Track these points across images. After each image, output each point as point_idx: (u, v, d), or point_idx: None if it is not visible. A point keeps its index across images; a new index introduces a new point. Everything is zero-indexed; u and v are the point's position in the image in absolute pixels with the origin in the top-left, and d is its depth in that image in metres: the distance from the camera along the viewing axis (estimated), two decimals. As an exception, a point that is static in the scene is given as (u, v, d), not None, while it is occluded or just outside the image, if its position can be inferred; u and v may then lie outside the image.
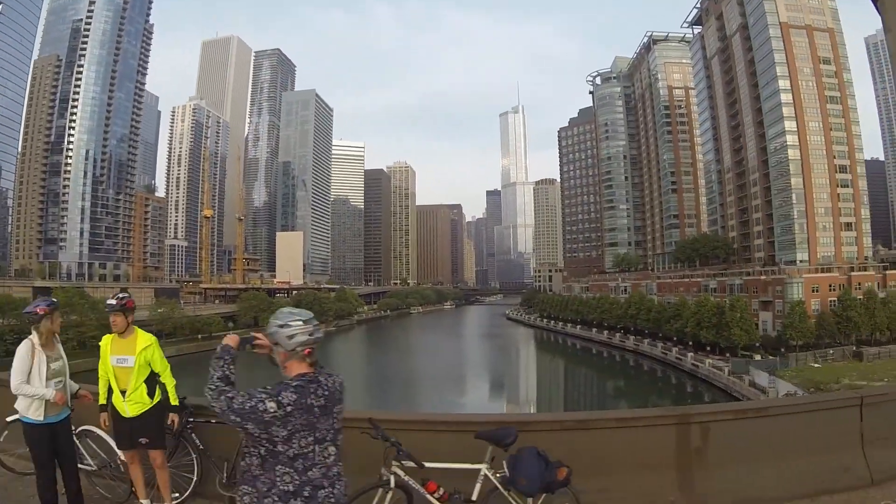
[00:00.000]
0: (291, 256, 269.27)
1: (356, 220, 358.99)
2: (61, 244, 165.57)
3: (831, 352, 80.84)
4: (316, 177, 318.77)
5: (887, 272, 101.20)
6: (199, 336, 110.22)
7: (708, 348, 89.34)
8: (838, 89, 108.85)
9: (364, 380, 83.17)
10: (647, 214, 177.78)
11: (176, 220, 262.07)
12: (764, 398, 61.43)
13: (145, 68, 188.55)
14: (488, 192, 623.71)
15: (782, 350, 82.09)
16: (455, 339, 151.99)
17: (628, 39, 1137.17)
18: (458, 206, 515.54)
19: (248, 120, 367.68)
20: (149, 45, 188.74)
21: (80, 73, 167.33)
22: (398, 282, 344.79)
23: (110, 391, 6.61)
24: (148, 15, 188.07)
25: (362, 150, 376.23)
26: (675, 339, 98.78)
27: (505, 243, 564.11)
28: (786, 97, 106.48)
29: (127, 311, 6.54)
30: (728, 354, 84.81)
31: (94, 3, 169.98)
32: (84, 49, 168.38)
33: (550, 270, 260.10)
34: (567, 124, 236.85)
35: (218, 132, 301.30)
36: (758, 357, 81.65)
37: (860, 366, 73.59)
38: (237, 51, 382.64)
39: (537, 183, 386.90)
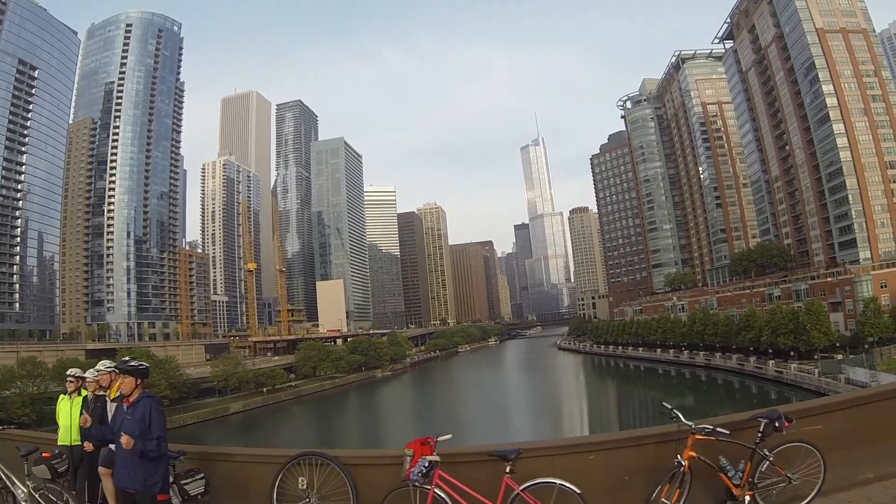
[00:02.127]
0: (333, 304, 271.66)
1: (393, 265, 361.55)
2: (109, 305, 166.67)
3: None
4: (350, 224, 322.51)
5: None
6: (265, 389, 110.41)
7: (791, 354, 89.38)
8: (879, 87, 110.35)
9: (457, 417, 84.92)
10: (693, 231, 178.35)
11: (214, 275, 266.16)
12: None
13: (179, 126, 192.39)
14: (516, 227, 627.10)
15: (866, 346, 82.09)
16: (518, 373, 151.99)
17: (644, 60, 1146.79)
18: (490, 243, 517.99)
19: (274, 172, 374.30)
20: (181, 102, 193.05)
21: (117, 134, 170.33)
22: (438, 322, 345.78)
23: None
24: (178, 73, 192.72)
25: (393, 194, 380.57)
26: (749, 349, 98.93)
27: (537, 276, 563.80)
28: (830, 100, 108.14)
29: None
30: (812, 358, 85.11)
31: (125, 64, 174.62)
32: (119, 110, 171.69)
33: (593, 297, 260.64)
34: (598, 151, 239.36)
35: (249, 186, 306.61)
36: (840, 356, 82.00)
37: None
38: (257, 105, 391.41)
39: (571, 212, 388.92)
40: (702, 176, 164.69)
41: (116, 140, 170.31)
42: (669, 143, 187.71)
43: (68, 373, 9.86)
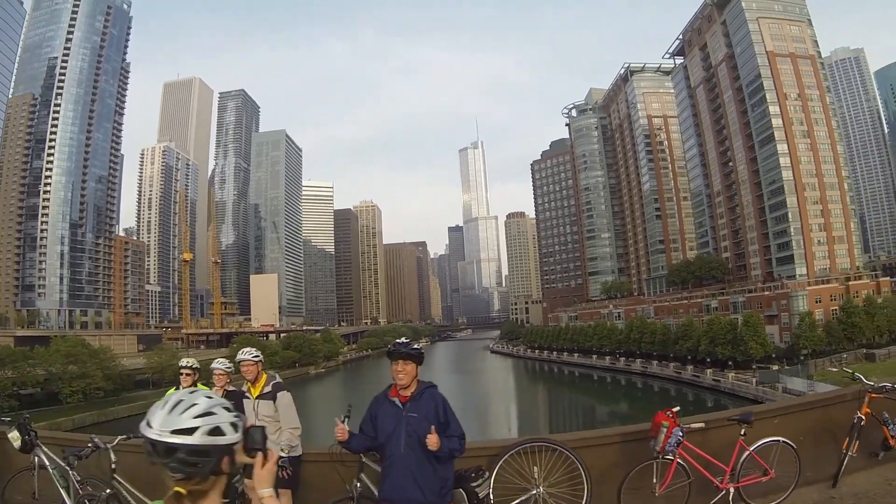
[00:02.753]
0: (267, 299, 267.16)
1: (327, 261, 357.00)
2: (40, 291, 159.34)
3: (845, 356, 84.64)
4: (287, 218, 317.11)
5: (880, 280, 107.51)
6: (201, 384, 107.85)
7: (729, 363, 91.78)
8: (822, 111, 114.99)
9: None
10: (630, 241, 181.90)
11: (148, 264, 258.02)
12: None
13: (122, 108, 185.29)
14: (450, 228, 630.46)
15: (802, 358, 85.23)
16: (451, 375, 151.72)
17: (585, 71, 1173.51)
18: (424, 243, 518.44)
19: (212, 161, 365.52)
20: (126, 84, 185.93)
21: (58, 112, 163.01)
22: (369, 321, 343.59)
23: None
24: (125, 53, 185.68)
25: (331, 189, 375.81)
26: (687, 358, 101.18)
27: (468, 278, 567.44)
28: (776, 121, 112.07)
29: None
30: (749, 367, 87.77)
31: (70, 40, 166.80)
32: (61, 88, 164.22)
33: (527, 302, 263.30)
34: (539, 157, 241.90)
35: (187, 175, 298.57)
36: (775, 367, 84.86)
37: (877, 366, 76.97)
38: (199, 92, 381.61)
39: (508, 216, 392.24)
40: (643, 187, 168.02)
41: (57, 119, 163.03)
42: (612, 152, 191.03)
43: (183, 363, 8.75)
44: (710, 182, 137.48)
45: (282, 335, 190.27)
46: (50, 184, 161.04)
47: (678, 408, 7.28)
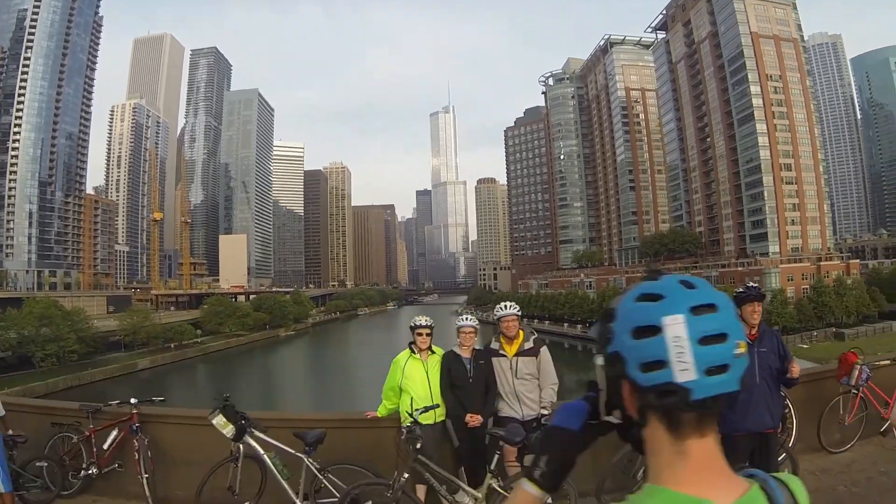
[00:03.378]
0: (235, 260, 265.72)
1: (295, 222, 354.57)
2: (7, 251, 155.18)
3: (815, 334, 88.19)
4: (258, 178, 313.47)
5: (849, 261, 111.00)
6: (172, 345, 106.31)
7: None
8: (802, 94, 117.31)
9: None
10: (603, 211, 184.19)
11: (116, 224, 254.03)
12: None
13: (94, 63, 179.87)
14: (418, 192, 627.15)
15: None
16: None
17: (562, 41, 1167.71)
18: (392, 207, 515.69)
19: (182, 119, 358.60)
20: (98, 38, 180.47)
21: (27, 66, 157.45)
22: (336, 283, 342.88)
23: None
24: (97, 7, 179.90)
25: (302, 150, 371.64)
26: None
27: (436, 243, 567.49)
28: (756, 101, 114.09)
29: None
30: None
31: None
32: (31, 41, 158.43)
33: (495, 268, 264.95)
34: (513, 124, 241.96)
35: (157, 133, 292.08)
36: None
37: (846, 344, 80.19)
38: (170, 49, 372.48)
39: (478, 182, 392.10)
40: (618, 158, 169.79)
41: (26, 72, 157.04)
42: (588, 123, 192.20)
43: (419, 322, 7.75)
44: (687, 156, 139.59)
45: (251, 297, 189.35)
46: (19, 140, 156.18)
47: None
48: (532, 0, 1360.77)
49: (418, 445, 6.26)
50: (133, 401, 8.52)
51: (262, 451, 6.97)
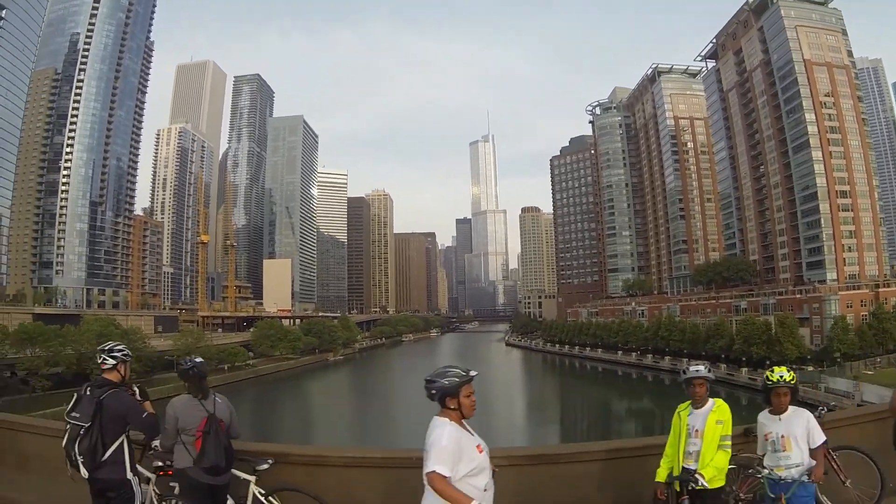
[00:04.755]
0: (280, 283, 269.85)
1: (339, 248, 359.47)
2: (58, 268, 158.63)
3: (878, 360, 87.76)
4: (302, 203, 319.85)
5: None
6: (226, 367, 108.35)
7: (766, 363, 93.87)
8: (855, 121, 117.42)
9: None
10: (652, 240, 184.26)
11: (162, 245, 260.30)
12: (847, 401, 67.05)
13: (145, 86, 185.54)
14: (458, 220, 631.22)
15: (837, 360, 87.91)
16: (485, 366, 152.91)
17: (605, 69, 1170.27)
18: (433, 235, 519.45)
19: (225, 144, 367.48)
20: (149, 62, 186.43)
21: (80, 88, 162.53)
22: (378, 309, 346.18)
23: None
24: (149, 32, 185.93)
25: (345, 177, 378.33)
26: (720, 356, 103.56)
27: (475, 271, 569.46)
28: (811, 128, 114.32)
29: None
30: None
31: (95, 15, 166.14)
32: (84, 63, 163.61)
33: (540, 297, 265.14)
34: (559, 153, 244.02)
35: (202, 157, 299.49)
36: (809, 368, 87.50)
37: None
38: (213, 75, 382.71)
39: (522, 210, 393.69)
40: (667, 187, 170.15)
41: (79, 94, 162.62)
42: (636, 151, 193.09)
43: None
44: (740, 184, 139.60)
45: (299, 321, 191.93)
46: (70, 160, 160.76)
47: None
48: (572, 29, 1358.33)
49: None
50: None
51: None
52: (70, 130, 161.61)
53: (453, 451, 4.47)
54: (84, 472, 5.78)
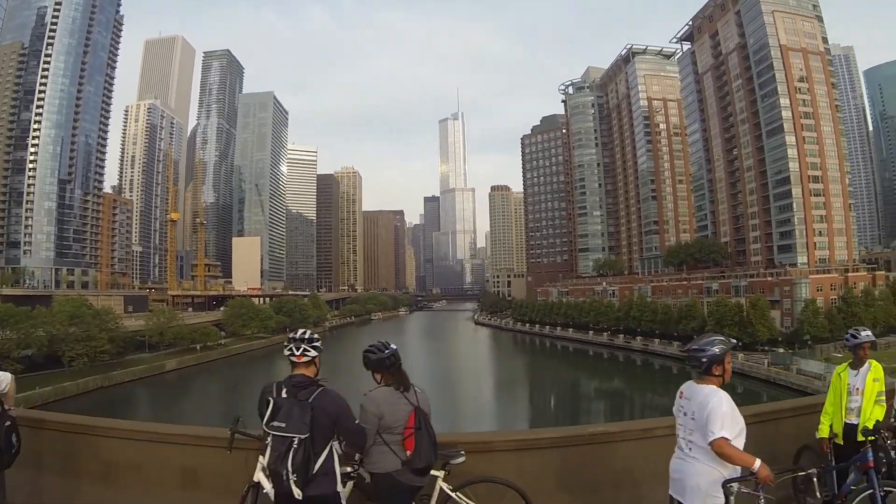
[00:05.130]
0: (249, 262, 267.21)
1: (308, 227, 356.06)
2: (25, 248, 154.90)
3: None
4: (271, 181, 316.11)
5: (875, 273, 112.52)
6: (198, 347, 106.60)
7: (738, 344, 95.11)
8: (829, 107, 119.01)
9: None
10: (623, 221, 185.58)
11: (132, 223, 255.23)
12: (819, 383, 68.30)
13: (115, 62, 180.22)
14: (426, 198, 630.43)
15: (808, 343, 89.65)
16: (444, 345, 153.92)
17: (575, 50, 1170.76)
18: (401, 213, 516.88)
19: (195, 121, 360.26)
20: (119, 37, 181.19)
21: (48, 63, 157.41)
22: (346, 287, 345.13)
23: None
24: (118, 5, 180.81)
25: (315, 154, 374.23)
26: (692, 337, 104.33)
27: (443, 249, 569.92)
28: (785, 113, 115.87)
29: None
30: (754, 350, 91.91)
31: None
32: (52, 38, 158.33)
33: (509, 276, 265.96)
34: (530, 132, 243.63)
35: (171, 134, 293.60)
36: (780, 350, 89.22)
37: (881, 353, 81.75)
38: (181, 51, 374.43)
39: (492, 189, 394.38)
40: (639, 168, 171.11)
41: (47, 70, 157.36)
42: (608, 131, 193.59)
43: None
44: (713, 167, 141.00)
45: (269, 299, 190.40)
46: (38, 137, 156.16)
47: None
48: (546, 7, 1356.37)
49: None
50: None
51: None
52: (38, 107, 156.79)
53: (733, 416, 4.73)
54: (297, 493, 4.79)
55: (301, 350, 5.15)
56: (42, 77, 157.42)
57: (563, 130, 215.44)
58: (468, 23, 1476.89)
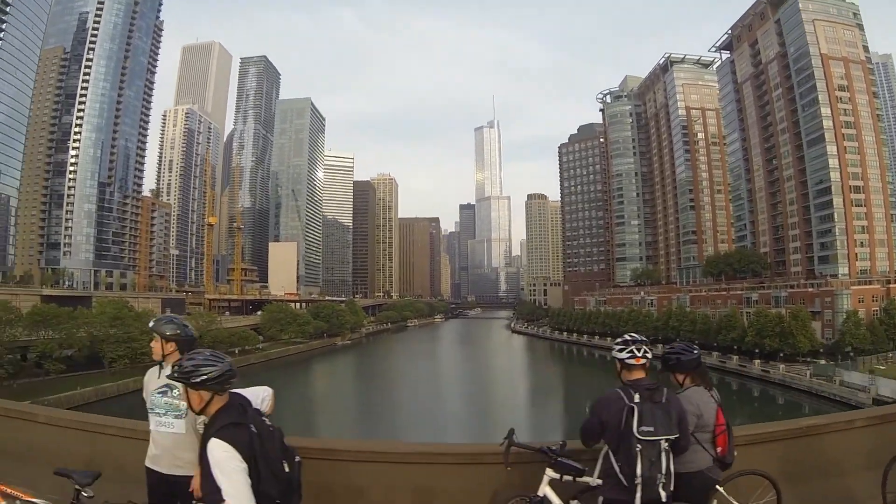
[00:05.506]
0: (285, 267, 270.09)
1: (344, 233, 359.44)
2: (66, 249, 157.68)
3: (890, 355, 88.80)
4: (308, 187, 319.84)
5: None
6: (236, 350, 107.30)
7: (780, 355, 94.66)
8: (870, 116, 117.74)
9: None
10: (661, 230, 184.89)
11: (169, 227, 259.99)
12: (863, 395, 68.04)
13: (155, 67, 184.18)
14: (461, 206, 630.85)
15: (851, 354, 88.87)
16: (482, 352, 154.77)
17: (608, 60, 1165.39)
18: (437, 220, 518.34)
19: (231, 126, 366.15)
20: (159, 42, 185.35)
21: (89, 67, 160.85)
22: (382, 294, 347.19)
23: None
24: (159, 10, 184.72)
25: (352, 160, 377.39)
26: (733, 348, 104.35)
27: (478, 257, 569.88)
28: (826, 122, 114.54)
29: None
30: (794, 361, 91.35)
31: None
32: (93, 43, 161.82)
33: (545, 284, 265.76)
34: (567, 140, 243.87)
35: (209, 139, 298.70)
36: (822, 362, 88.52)
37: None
38: (218, 57, 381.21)
39: (529, 197, 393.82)
40: (678, 177, 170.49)
41: (88, 74, 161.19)
42: (646, 141, 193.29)
43: None
44: (752, 176, 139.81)
45: (306, 305, 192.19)
46: (79, 140, 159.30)
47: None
48: (584, 15, 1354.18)
49: None
50: None
51: None
52: (79, 110, 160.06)
53: None
54: (664, 495, 4.80)
55: (642, 352, 5.20)
56: (83, 81, 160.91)
57: (601, 139, 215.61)
58: (505, 29, 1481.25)
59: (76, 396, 64.20)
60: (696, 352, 5.81)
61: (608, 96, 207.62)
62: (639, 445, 4.76)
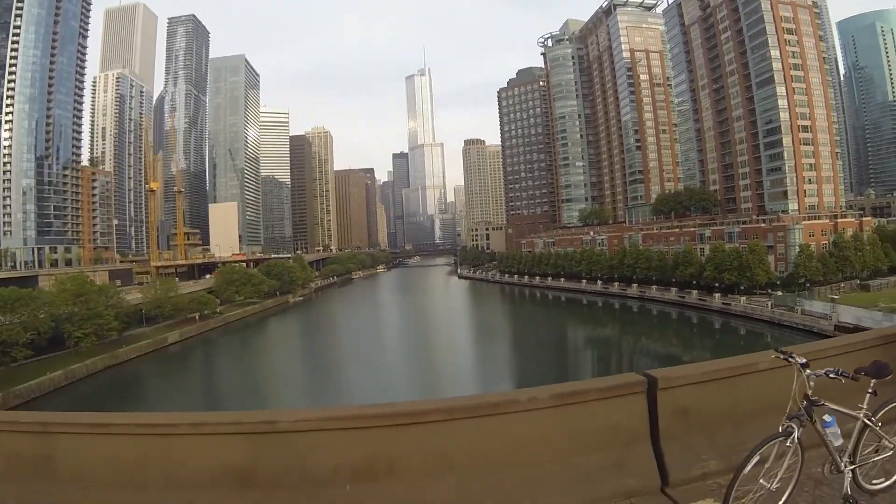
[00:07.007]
0: (226, 228, 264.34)
1: (282, 189, 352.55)
2: (6, 229, 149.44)
3: (842, 285, 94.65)
4: (245, 145, 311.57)
5: (862, 219, 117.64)
6: (197, 316, 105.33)
7: (741, 288, 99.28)
8: (817, 59, 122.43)
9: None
10: (606, 171, 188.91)
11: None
12: (825, 322, 72.59)
13: (87, 30, 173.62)
14: (395, 155, 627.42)
15: (806, 285, 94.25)
16: (441, 300, 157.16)
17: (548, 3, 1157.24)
18: (371, 171, 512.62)
19: (161, 89, 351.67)
20: (89, 4, 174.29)
21: (17, 35, 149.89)
22: (321, 248, 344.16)
23: None
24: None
25: (287, 116, 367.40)
26: (692, 283, 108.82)
27: (412, 205, 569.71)
28: (776, 64, 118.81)
29: None
30: (751, 293, 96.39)
31: None
32: (20, 8, 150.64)
33: (487, 228, 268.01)
34: (506, 85, 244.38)
35: (141, 103, 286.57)
36: (779, 293, 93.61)
37: (874, 295, 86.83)
38: (143, 18, 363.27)
39: (466, 143, 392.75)
40: (623, 118, 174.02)
41: (17, 41, 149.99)
42: (588, 83, 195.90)
43: None
44: (700, 117, 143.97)
45: (257, 264, 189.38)
46: (12, 112, 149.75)
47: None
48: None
49: None
50: None
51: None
52: (9, 81, 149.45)
53: None
54: None
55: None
56: (12, 50, 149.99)
57: (542, 83, 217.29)
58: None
59: (47, 383, 60.93)
60: None
61: (549, 40, 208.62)
62: None
